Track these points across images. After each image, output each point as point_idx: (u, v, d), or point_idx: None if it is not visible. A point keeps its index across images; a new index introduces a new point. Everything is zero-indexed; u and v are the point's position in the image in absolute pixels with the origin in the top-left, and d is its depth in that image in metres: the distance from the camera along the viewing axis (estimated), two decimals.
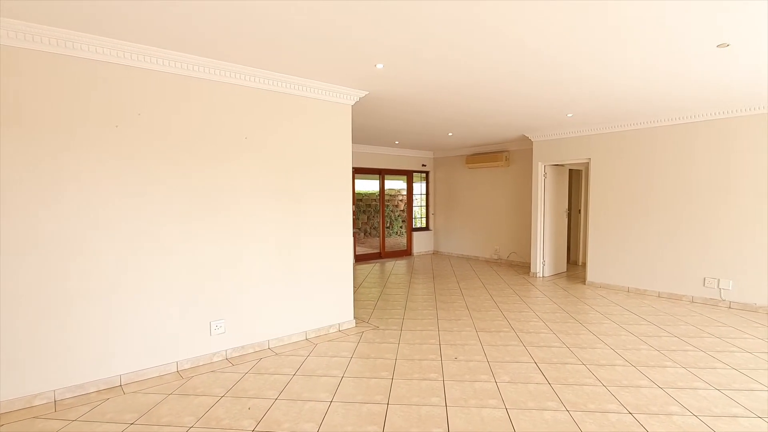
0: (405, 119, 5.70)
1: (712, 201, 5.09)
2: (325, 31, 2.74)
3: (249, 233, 3.60)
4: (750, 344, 3.78)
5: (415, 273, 7.33)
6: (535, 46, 3.01)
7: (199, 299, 3.35)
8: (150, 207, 3.09)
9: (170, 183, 3.17)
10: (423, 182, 9.93)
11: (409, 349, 3.70)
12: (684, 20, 2.58)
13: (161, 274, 3.15)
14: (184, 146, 3.24)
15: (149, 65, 3.02)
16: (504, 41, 2.91)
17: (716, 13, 2.51)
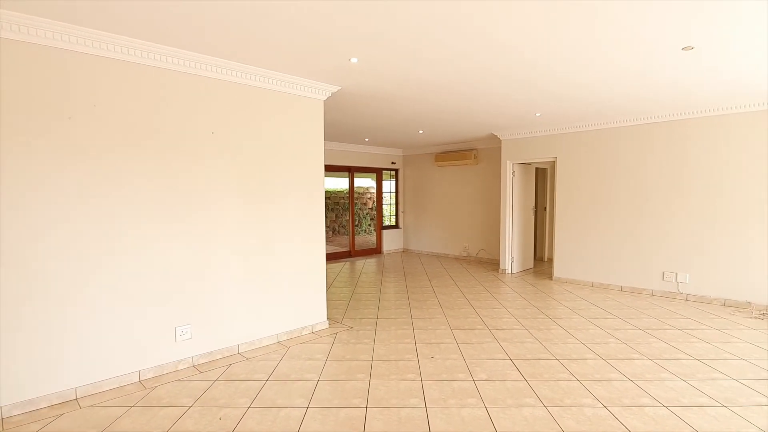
0: (377, 116, 5.62)
1: (669, 199, 5.32)
2: (300, 21, 2.62)
3: (216, 233, 3.42)
4: (708, 335, 3.97)
5: (386, 271, 7.28)
6: (512, 44, 3.01)
7: (163, 304, 3.15)
8: (107, 206, 2.87)
9: (130, 180, 2.96)
10: (392, 180, 9.90)
11: (384, 350, 3.64)
12: (652, 22, 2.65)
13: (121, 278, 2.94)
14: (145, 141, 3.03)
15: (104, 52, 2.80)
16: (481, 37, 2.89)
17: (683, 17, 2.58)
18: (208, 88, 3.34)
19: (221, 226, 3.44)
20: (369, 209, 14.01)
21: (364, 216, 13.74)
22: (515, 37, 2.87)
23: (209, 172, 3.36)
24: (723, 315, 4.60)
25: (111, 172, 2.87)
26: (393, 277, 6.73)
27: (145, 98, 3.02)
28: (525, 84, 4.04)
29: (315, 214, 4.13)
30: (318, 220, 4.15)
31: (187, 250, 3.25)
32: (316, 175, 4.12)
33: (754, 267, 4.77)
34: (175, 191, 3.18)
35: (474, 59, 3.34)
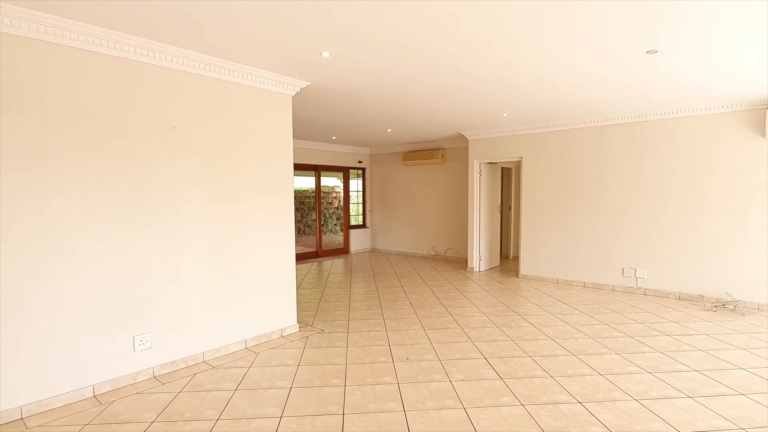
0: (345, 113, 5.51)
1: (628, 198, 5.54)
2: (269, 11, 2.48)
3: (179, 235, 3.21)
4: (667, 328, 4.14)
5: (355, 271, 7.18)
6: (486, 41, 3.00)
7: (121, 311, 2.91)
8: (55, 205, 2.61)
9: (82, 178, 2.71)
10: (360, 179, 9.79)
11: (358, 352, 3.55)
12: (622, 24, 2.70)
13: (74, 284, 2.69)
14: (99, 135, 2.78)
15: (51, 38, 2.54)
16: (457, 35, 2.86)
17: (650, 21, 2.66)
18: (168, 80, 3.12)
19: (185, 228, 3.24)
20: (335, 209, 13.86)
21: (329, 215, 13.57)
22: (490, 34, 2.86)
23: (171, 169, 3.15)
24: (679, 308, 4.83)
25: (58, 171, 2.62)
26: (362, 278, 6.64)
27: (101, 89, 2.77)
28: (497, 83, 4.06)
29: (284, 214, 3.97)
30: (288, 221, 4.00)
31: (147, 253, 3.03)
32: (285, 174, 3.97)
33: (705, 263, 5.04)
34: (134, 190, 2.95)
35: (449, 57, 3.31)
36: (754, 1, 2.39)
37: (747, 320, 4.35)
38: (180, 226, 3.21)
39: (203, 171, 3.35)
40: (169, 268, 3.15)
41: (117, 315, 2.89)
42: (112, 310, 2.87)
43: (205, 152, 3.36)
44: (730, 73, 3.69)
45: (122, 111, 2.89)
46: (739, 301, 4.80)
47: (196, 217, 3.30)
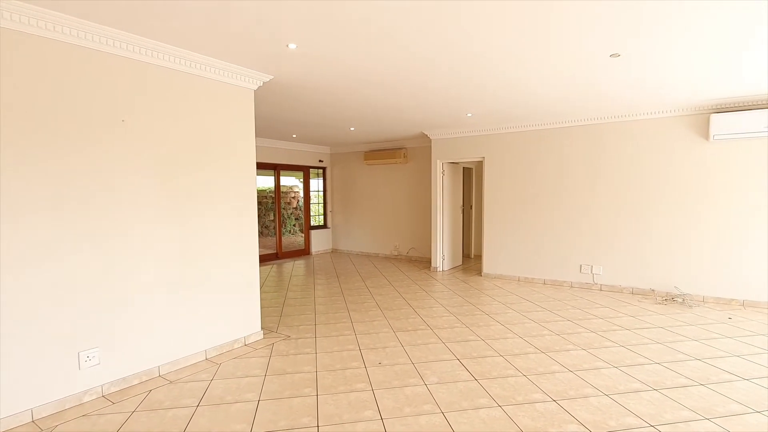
0: (308, 110, 5.33)
1: (585, 197, 5.75)
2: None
3: (130, 237, 2.93)
4: (626, 322, 4.31)
5: (318, 273, 6.99)
6: (453, 37, 2.95)
7: (63, 324, 2.60)
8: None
9: (19, 173, 2.39)
10: (320, 179, 9.58)
11: (328, 359, 3.40)
12: (587, 27, 2.75)
13: (5, 296, 2.36)
14: (37, 127, 2.47)
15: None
16: (425, 32, 2.80)
17: (614, 26, 2.72)
18: (118, 69, 2.84)
19: (136, 231, 2.96)
20: (294, 209, 13.51)
21: (288, 216, 13.22)
22: (460, 36, 2.82)
23: (119, 166, 2.86)
24: (633, 302, 5.06)
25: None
26: (326, 279, 6.47)
27: (36, 76, 2.46)
28: (463, 83, 4.05)
29: (247, 216, 3.75)
30: (250, 222, 3.78)
31: (93, 258, 2.73)
32: (247, 172, 3.75)
33: (656, 259, 5.32)
34: (77, 186, 2.65)
35: (416, 56, 3.24)
36: (703, 19, 2.50)
37: (695, 312, 4.62)
38: (130, 229, 2.93)
39: (157, 168, 3.08)
40: (119, 276, 2.87)
41: (59, 329, 2.58)
42: (53, 325, 2.56)
43: (161, 147, 3.09)
44: (681, 79, 3.89)
45: (60, 101, 2.58)
46: (687, 294, 5.11)
47: (148, 217, 3.03)
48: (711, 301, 5.00)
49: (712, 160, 4.96)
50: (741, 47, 3.10)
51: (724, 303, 4.93)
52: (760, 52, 3.21)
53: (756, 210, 4.74)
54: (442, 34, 2.87)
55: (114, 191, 2.83)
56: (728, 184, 4.88)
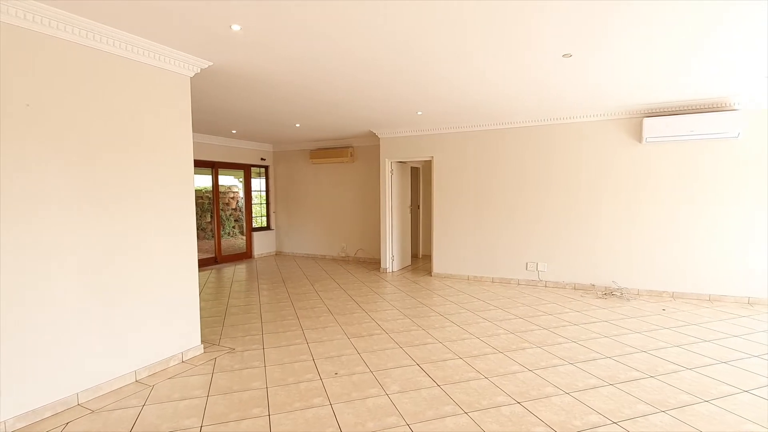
0: (251, 104, 4.96)
1: (531, 197, 5.90)
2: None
3: (39, 241, 2.47)
4: (573, 317, 4.43)
5: (262, 278, 6.59)
6: (403, 39, 2.83)
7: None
8: None
9: None
10: (262, 178, 9.10)
11: (280, 372, 3.12)
12: (538, 29, 2.74)
13: None
14: None
15: None
16: (374, 28, 2.63)
17: (565, 25, 2.72)
18: (23, 44, 2.38)
19: (47, 235, 2.50)
20: (233, 210, 12.77)
21: (227, 217, 12.46)
22: (411, 35, 2.69)
23: (24, 155, 2.40)
24: (576, 297, 5.25)
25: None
26: (271, 284, 6.10)
27: None
28: (415, 81, 3.94)
29: (184, 217, 3.36)
30: (188, 222, 3.39)
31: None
32: (183, 167, 3.36)
33: (596, 255, 5.57)
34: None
35: (370, 51, 3.07)
36: (648, 25, 2.57)
37: (632, 305, 4.87)
38: (40, 234, 2.47)
39: (71, 160, 2.63)
40: (24, 287, 2.40)
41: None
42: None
43: (78, 138, 2.65)
44: (623, 82, 4.05)
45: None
46: (624, 288, 5.39)
47: (64, 221, 2.58)
48: (645, 294, 5.32)
49: (645, 161, 5.27)
50: (689, 54, 3.26)
51: (657, 295, 5.27)
52: (704, 60, 3.40)
53: (683, 208, 5.10)
54: (389, 33, 2.71)
55: (12, 187, 2.36)
56: (659, 184, 5.21)
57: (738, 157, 4.84)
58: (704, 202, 5.01)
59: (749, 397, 2.68)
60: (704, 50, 3.21)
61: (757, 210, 4.78)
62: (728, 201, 4.91)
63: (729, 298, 4.95)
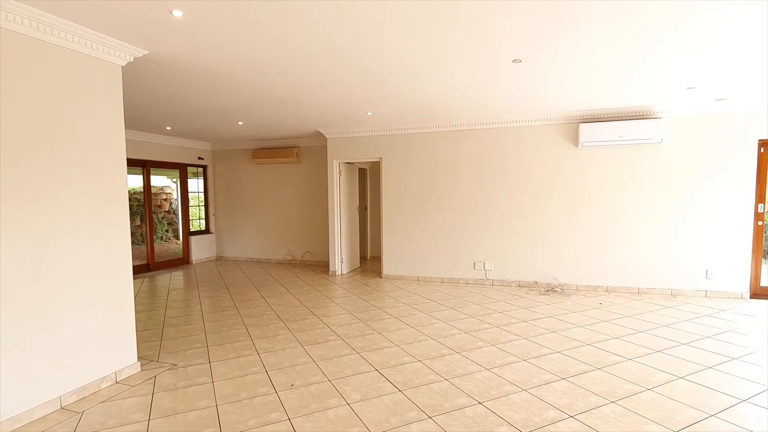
0: (190, 98, 4.62)
1: (478, 198, 6.06)
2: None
3: None
4: (521, 314, 4.59)
5: (203, 285, 6.17)
6: (353, 38, 2.76)
7: None
8: None
9: None
10: (199, 178, 8.57)
11: (230, 387, 2.90)
12: (490, 37, 2.79)
13: None
14: None
15: None
16: (323, 23, 2.54)
17: (513, 28, 2.79)
18: None
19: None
20: (165, 212, 11.93)
21: (159, 221, 11.61)
22: (369, 24, 2.63)
23: None
24: (522, 294, 5.45)
25: None
26: (213, 292, 5.72)
27: None
28: (376, 77, 3.86)
29: (117, 219, 3.03)
30: (121, 227, 3.06)
31: None
32: (115, 163, 3.02)
33: (538, 253, 5.84)
34: None
35: (326, 41, 2.95)
36: (591, 39, 2.71)
37: (573, 300, 5.15)
38: None
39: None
40: None
41: None
42: None
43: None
44: (565, 91, 4.27)
45: None
46: (564, 284, 5.69)
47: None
48: (583, 289, 5.65)
49: (581, 165, 5.60)
50: (624, 68, 3.47)
51: (593, 290, 5.62)
52: (636, 74, 3.65)
53: (615, 208, 5.49)
54: (340, 31, 2.63)
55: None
56: (594, 186, 5.56)
57: (662, 161, 5.30)
58: (633, 203, 5.43)
59: (685, 383, 2.90)
60: (638, 66, 3.45)
61: (679, 209, 5.26)
62: (654, 202, 5.35)
63: (655, 291, 5.40)
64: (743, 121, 4.98)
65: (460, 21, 2.65)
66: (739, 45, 3.07)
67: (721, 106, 4.96)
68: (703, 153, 5.15)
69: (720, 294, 5.17)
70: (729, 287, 5.14)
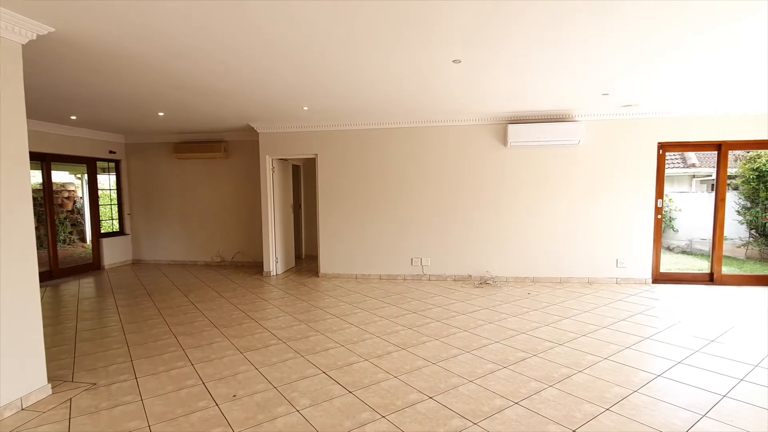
0: (103, 84, 4.13)
1: (415, 195, 6.16)
2: None
3: None
4: (459, 307, 4.74)
5: (119, 292, 5.59)
6: (288, 28, 2.65)
7: None
8: None
9: None
10: (112, 174, 7.75)
11: (162, 404, 2.64)
12: (430, 30, 2.84)
13: None
14: None
15: None
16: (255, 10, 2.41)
17: (457, 31, 2.86)
18: None
19: None
20: (68, 212, 10.65)
21: (61, 222, 10.34)
22: (308, 14, 2.54)
23: None
24: (458, 288, 5.65)
25: None
26: (133, 299, 5.20)
27: None
28: (313, 73, 3.74)
29: (19, 220, 2.61)
30: (23, 229, 2.64)
31: None
32: (15, 156, 2.60)
33: (472, 248, 6.08)
34: None
35: (259, 33, 2.79)
36: (526, 45, 2.88)
37: (504, 291, 5.44)
38: None
39: None
40: None
41: None
42: None
43: None
44: (499, 93, 4.47)
45: None
46: (496, 276, 6.00)
47: None
48: (512, 281, 5.99)
49: (510, 163, 5.93)
50: (550, 75, 3.71)
51: (521, 281, 5.98)
52: (559, 81, 3.91)
53: (540, 204, 5.89)
54: (275, 21, 2.51)
55: None
56: (521, 184, 5.91)
57: (579, 161, 5.77)
58: (555, 200, 5.86)
59: (610, 364, 3.18)
60: (561, 74, 3.70)
61: (594, 205, 5.77)
62: (573, 198, 5.82)
63: (575, 279, 5.89)
64: (647, 125, 5.60)
65: (400, 20, 2.64)
66: (643, 58, 3.42)
67: (629, 112, 5.53)
68: (613, 154, 5.70)
69: (628, 280, 5.77)
70: (636, 274, 5.76)
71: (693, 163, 11.17)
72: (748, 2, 2.44)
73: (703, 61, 3.50)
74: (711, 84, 4.21)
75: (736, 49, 3.19)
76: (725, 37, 2.95)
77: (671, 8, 2.51)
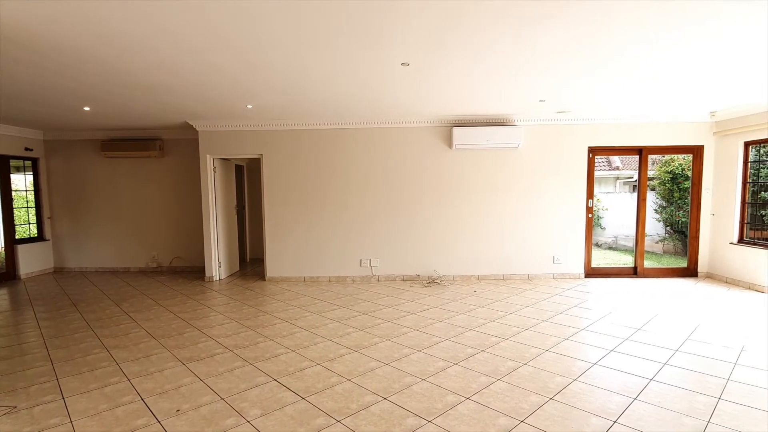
0: (18, 74, 3.72)
1: (364, 197, 6.16)
2: None
3: None
4: (409, 307, 4.80)
5: (39, 304, 5.06)
6: (227, 27, 2.57)
7: None
8: None
9: None
10: (28, 174, 7.01)
11: (96, 425, 2.42)
12: (384, 33, 2.87)
13: None
14: None
15: None
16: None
17: (404, 35, 2.91)
18: None
19: None
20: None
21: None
22: (239, 30, 2.47)
23: None
24: (406, 288, 5.72)
25: None
26: (56, 311, 4.73)
27: None
28: (258, 69, 3.62)
29: None
30: None
31: None
32: None
33: (420, 248, 6.19)
34: None
35: (208, 20, 2.66)
36: (469, 52, 2.99)
37: (452, 290, 5.59)
38: None
39: None
40: None
41: None
42: None
43: None
44: (445, 96, 4.58)
45: None
46: (444, 275, 6.14)
47: None
48: (459, 279, 6.17)
49: (455, 165, 6.10)
50: (492, 82, 3.86)
51: (467, 279, 6.18)
52: (499, 87, 4.08)
53: (483, 204, 6.12)
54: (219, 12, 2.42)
55: None
56: (465, 185, 6.11)
57: (519, 164, 6.07)
58: (498, 200, 6.12)
59: (552, 355, 3.37)
60: (502, 80, 3.88)
61: (533, 205, 6.09)
62: (514, 199, 6.11)
63: (516, 276, 6.18)
64: (579, 130, 6.00)
65: (350, 20, 2.63)
66: (572, 69, 3.66)
67: (563, 117, 5.89)
68: (549, 156, 6.06)
69: (564, 275, 6.16)
70: (570, 269, 6.16)
71: (617, 165, 12.17)
72: (663, 25, 2.69)
73: (625, 76, 3.82)
74: (633, 94, 4.60)
75: (646, 70, 3.51)
76: (639, 58, 3.24)
77: (591, 32, 2.71)
